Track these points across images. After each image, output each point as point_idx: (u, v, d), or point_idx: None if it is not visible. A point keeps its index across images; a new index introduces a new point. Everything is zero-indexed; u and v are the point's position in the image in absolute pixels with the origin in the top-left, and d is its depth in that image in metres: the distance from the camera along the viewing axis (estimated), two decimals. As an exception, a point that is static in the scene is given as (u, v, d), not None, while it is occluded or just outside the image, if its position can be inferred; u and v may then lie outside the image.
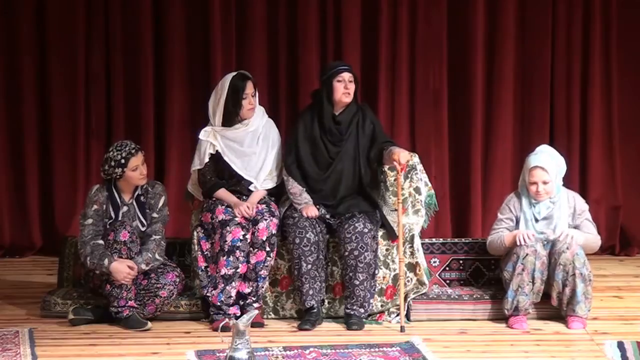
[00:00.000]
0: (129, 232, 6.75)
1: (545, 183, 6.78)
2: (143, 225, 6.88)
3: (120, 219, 6.81)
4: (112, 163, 6.78)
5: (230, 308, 6.77)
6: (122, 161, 6.76)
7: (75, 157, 8.86)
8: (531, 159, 6.87)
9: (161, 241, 6.85)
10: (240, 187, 7.01)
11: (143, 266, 6.73)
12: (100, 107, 8.86)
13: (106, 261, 6.65)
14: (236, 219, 6.82)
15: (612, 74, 8.96)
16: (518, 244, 6.70)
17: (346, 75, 6.90)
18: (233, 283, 6.77)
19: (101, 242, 6.73)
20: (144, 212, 6.88)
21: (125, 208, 6.86)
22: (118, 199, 6.85)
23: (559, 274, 6.69)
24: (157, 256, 6.79)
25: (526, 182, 6.87)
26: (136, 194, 6.88)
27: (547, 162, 6.81)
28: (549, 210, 6.82)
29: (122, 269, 6.65)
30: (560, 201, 6.84)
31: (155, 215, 6.90)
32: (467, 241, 7.52)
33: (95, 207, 6.82)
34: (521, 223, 6.85)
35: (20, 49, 8.78)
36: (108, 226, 6.80)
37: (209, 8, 8.74)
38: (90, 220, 6.79)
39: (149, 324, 6.65)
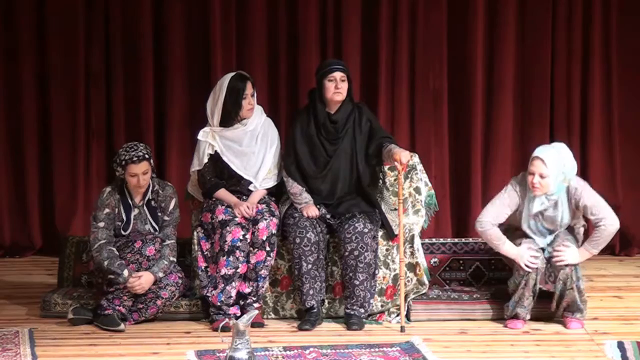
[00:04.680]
0: (155, 249, 6.77)
1: (542, 177, 6.61)
2: (155, 229, 6.88)
3: (132, 222, 6.82)
4: (117, 160, 6.79)
5: (231, 308, 6.77)
6: (123, 163, 6.76)
7: (75, 157, 8.86)
8: (537, 149, 6.72)
9: (174, 244, 6.87)
10: (240, 186, 7.01)
11: (160, 274, 6.74)
12: (100, 107, 8.86)
13: (125, 272, 6.67)
14: (236, 219, 6.82)
15: (612, 74, 8.95)
16: (525, 269, 6.65)
17: (337, 75, 6.90)
18: (233, 283, 6.77)
19: (115, 250, 6.73)
20: (155, 216, 6.89)
21: (136, 211, 6.87)
22: (130, 201, 6.85)
23: (558, 287, 6.67)
24: (171, 258, 6.83)
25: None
26: (147, 197, 6.88)
27: (550, 156, 6.63)
28: (542, 206, 6.72)
29: (138, 284, 6.69)
30: (561, 199, 6.74)
31: (166, 218, 6.90)
32: (467, 241, 7.53)
33: (107, 210, 6.81)
34: (524, 215, 6.77)
35: (20, 48, 8.77)
36: (125, 232, 6.81)
37: (209, 8, 8.74)
38: (102, 224, 6.79)
39: (123, 326, 6.65)
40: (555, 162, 6.64)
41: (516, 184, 6.81)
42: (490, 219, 6.77)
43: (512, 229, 6.83)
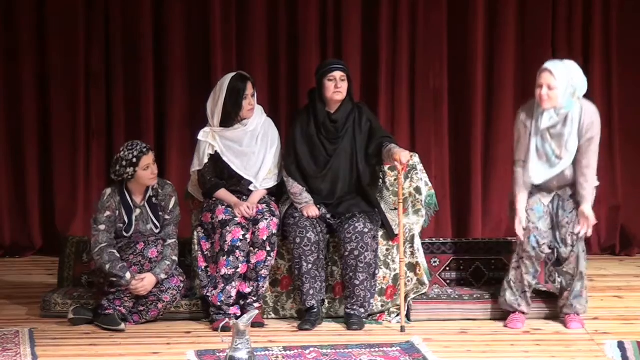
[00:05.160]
0: (157, 251, 6.78)
1: (550, 88, 6.53)
2: (157, 227, 6.88)
3: (134, 223, 6.81)
4: (124, 163, 6.75)
5: (231, 308, 6.77)
6: (134, 160, 6.74)
7: (75, 157, 8.86)
8: (546, 62, 6.67)
9: (176, 243, 6.88)
10: (241, 187, 7.02)
11: (162, 275, 6.75)
12: (100, 107, 8.86)
13: (128, 275, 6.67)
14: (236, 219, 6.83)
15: (612, 74, 8.96)
16: (515, 228, 6.65)
17: (337, 74, 6.90)
18: (233, 283, 6.77)
19: (116, 252, 6.72)
20: (157, 214, 6.88)
21: (138, 211, 6.86)
22: (130, 202, 6.84)
23: (566, 280, 6.69)
24: (173, 257, 6.83)
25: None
26: (147, 195, 6.88)
27: (559, 69, 6.57)
28: (551, 121, 6.59)
29: (141, 286, 6.70)
30: (572, 116, 6.59)
31: (167, 217, 6.90)
32: (467, 241, 7.52)
33: (107, 213, 6.80)
34: (532, 141, 6.66)
35: (20, 48, 8.78)
36: (127, 233, 6.81)
37: (209, 8, 8.74)
38: (103, 227, 6.77)
39: (123, 325, 6.65)
40: (564, 74, 6.58)
41: (521, 112, 6.75)
42: (521, 157, 6.70)
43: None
